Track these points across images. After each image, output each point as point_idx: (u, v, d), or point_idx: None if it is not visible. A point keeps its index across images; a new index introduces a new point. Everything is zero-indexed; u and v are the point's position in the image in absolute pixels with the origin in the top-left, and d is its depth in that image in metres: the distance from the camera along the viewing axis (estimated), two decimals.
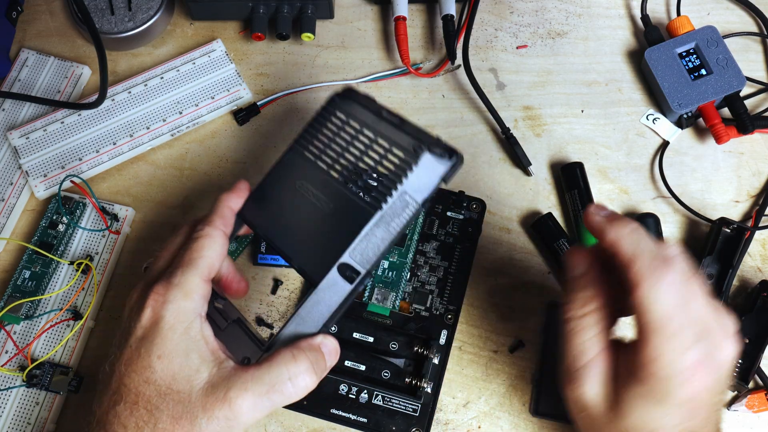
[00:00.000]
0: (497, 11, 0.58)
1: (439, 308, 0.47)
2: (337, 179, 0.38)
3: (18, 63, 0.55)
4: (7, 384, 0.46)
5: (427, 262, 0.48)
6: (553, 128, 0.54)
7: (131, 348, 0.35)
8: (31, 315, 0.47)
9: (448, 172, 0.35)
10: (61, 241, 0.49)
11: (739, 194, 0.52)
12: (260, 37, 0.55)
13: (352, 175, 0.37)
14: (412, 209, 0.35)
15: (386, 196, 0.35)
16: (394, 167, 0.36)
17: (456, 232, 0.49)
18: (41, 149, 0.52)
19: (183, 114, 0.53)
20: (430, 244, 0.49)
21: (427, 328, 0.47)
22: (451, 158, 0.35)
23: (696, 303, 0.32)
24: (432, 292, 0.48)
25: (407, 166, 0.35)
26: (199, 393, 0.34)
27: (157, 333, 0.35)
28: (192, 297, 0.36)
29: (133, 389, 0.34)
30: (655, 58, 0.53)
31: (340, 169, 0.38)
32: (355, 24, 0.58)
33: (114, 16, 0.55)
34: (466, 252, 0.49)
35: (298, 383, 0.35)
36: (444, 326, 0.47)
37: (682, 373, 0.31)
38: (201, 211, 0.52)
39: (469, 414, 0.47)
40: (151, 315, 0.35)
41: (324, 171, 0.38)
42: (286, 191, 0.39)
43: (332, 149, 0.39)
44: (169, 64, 0.55)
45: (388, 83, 0.56)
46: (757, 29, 0.57)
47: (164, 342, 0.35)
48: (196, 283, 0.36)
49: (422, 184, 0.35)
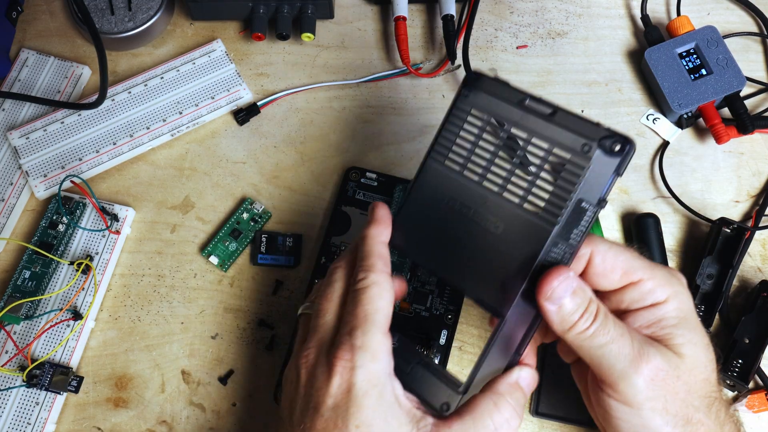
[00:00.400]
0: (497, 11, 0.58)
1: (439, 308, 0.47)
2: (494, 192, 0.34)
3: (18, 63, 0.55)
4: (7, 384, 0.46)
5: None
6: None
7: (323, 418, 0.33)
8: (31, 315, 0.47)
9: (622, 163, 0.31)
10: (61, 241, 0.49)
11: (739, 194, 0.52)
12: (260, 37, 0.55)
13: (510, 185, 0.33)
14: (590, 214, 0.32)
15: (561, 209, 0.31)
16: (561, 173, 0.32)
17: None
18: (41, 149, 0.52)
19: (183, 114, 0.53)
20: None
21: (426, 327, 0.47)
22: (624, 149, 0.31)
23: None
24: (432, 292, 0.48)
25: (578, 170, 0.31)
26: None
27: (352, 402, 0.33)
28: (379, 358, 0.34)
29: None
30: (655, 58, 0.53)
31: (495, 179, 0.34)
32: (355, 24, 0.58)
33: (114, 16, 0.55)
34: None
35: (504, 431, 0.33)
36: (444, 326, 0.47)
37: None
38: (201, 210, 0.52)
39: None
40: (341, 383, 0.33)
41: (476, 184, 0.34)
42: (436, 212, 0.35)
43: (479, 157, 0.34)
44: (169, 64, 0.55)
45: (388, 83, 0.56)
46: (757, 29, 0.57)
47: (360, 411, 0.33)
48: (380, 341, 0.34)
49: (596, 184, 0.31)
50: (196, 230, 0.51)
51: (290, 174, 0.53)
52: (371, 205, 0.38)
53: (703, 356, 0.34)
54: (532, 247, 0.32)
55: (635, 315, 0.35)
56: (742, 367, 0.45)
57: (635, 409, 0.33)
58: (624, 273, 0.35)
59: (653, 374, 0.33)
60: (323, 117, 0.55)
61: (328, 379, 0.34)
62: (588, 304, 0.33)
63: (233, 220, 0.51)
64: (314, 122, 0.54)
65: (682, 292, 0.35)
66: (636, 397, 0.33)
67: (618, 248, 0.35)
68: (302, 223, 0.51)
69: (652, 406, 0.33)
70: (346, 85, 0.56)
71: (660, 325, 0.34)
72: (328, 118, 0.55)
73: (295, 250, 0.50)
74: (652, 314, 0.35)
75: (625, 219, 0.51)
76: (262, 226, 0.51)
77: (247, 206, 0.51)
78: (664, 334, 0.34)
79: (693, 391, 0.34)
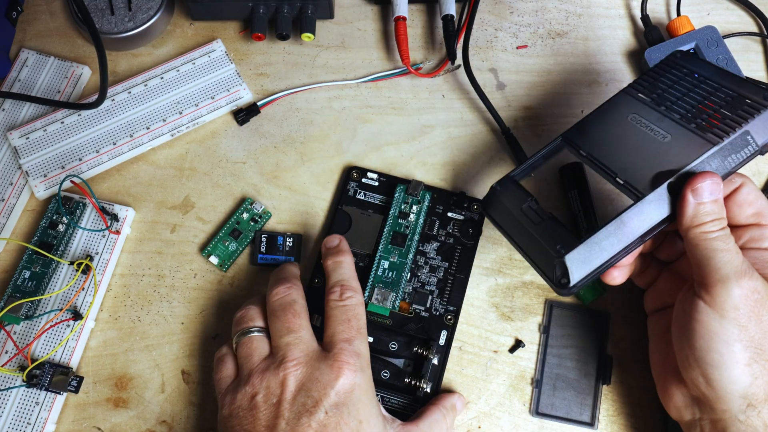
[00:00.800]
0: (497, 11, 0.58)
1: (439, 309, 0.47)
2: (674, 117, 0.40)
3: (18, 63, 0.55)
4: (7, 384, 0.46)
5: (427, 263, 0.48)
6: (553, 128, 0.54)
7: (327, 414, 0.37)
8: (31, 315, 0.47)
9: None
10: (61, 241, 0.49)
11: None
12: (260, 37, 0.55)
13: (691, 113, 0.40)
14: (750, 150, 0.38)
15: (729, 132, 0.38)
16: (739, 108, 0.38)
17: (456, 232, 0.49)
18: (41, 149, 0.52)
19: (183, 114, 0.53)
20: (430, 244, 0.49)
21: (426, 328, 0.47)
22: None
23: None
24: (432, 292, 0.48)
25: (754, 109, 0.38)
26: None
27: (355, 399, 0.38)
28: (369, 365, 0.40)
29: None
30: (656, 58, 0.53)
31: (679, 108, 0.41)
32: (355, 24, 0.58)
33: (114, 16, 0.55)
34: (466, 252, 0.49)
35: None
36: (444, 327, 0.47)
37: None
38: (201, 210, 0.52)
39: (469, 414, 0.47)
40: (345, 383, 0.38)
41: (660, 110, 0.41)
42: (616, 121, 0.43)
43: (671, 93, 0.42)
44: (169, 64, 0.55)
45: (388, 83, 0.56)
46: (757, 29, 0.57)
47: (362, 407, 0.38)
48: (368, 351, 0.41)
49: (766, 128, 0.38)
50: (196, 230, 0.51)
51: (290, 174, 0.53)
52: (329, 238, 0.45)
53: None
54: (691, 155, 0.38)
55: (749, 252, 0.39)
56: None
57: (719, 315, 0.36)
58: (756, 213, 0.39)
59: (749, 292, 0.35)
60: (323, 117, 0.55)
61: (335, 380, 0.38)
62: (721, 214, 0.37)
63: (233, 220, 0.51)
64: (314, 122, 0.54)
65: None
66: (726, 303, 0.35)
67: (761, 193, 0.40)
68: (302, 223, 0.51)
69: (735, 317, 0.35)
70: (346, 85, 0.56)
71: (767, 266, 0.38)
72: (328, 118, 0.55)
73: (295, 250, 0.50)
74: (763, 255, 0.39)
75: None
76: (262, 226, 0.51)
77: (247, 206, 0.51)
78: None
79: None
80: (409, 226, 0.49)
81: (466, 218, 0.49)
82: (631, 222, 0.38)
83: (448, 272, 0.48)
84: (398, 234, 0.49)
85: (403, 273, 0.48)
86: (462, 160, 0.53)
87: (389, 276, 0.48)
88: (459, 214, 0.50)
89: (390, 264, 0.48)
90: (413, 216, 0.49)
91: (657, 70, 0.44)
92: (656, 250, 0.44)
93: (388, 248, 0.48)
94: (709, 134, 0.38)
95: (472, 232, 0.49)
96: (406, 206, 0.49)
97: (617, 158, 0.41)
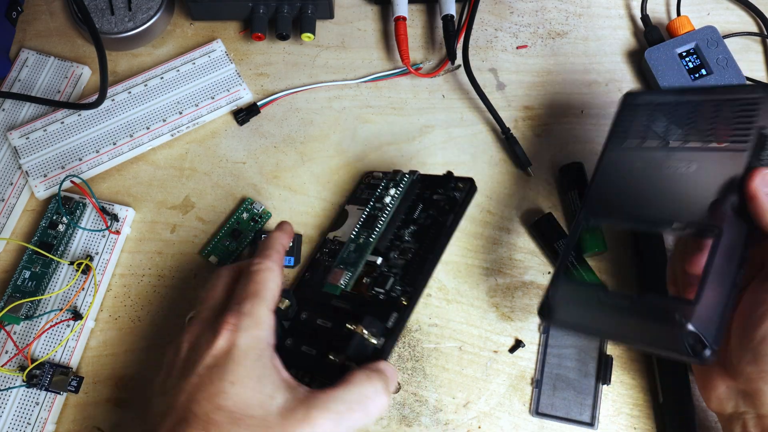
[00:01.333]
0: (497, 11, 0.58)
1: (397, 291, 0.42)
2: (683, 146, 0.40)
3: (18, 63, 0.55)
4: (7, 384, 0.46)
5: (400, 246, 0.45)
6: (553, 128, 0.54)
7: (199, 376, 0.35)
8: (31, 315, 0.47)
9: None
10: (61, 242, 0.49)
11: None
12: (260, 37, 0.55)
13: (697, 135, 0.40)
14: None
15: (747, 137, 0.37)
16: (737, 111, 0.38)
17: (435, 213, 0.45)
18: (41, 149, 0.52)
19: (183, 114, 0.53)
20: (407, 228, 0.45)
21: (380, 312, 0.41)
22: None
23: None
24: (396, 275, 0.43)
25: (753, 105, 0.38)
26: (277, 417, 0.34)
27: (231, 360, 0.35)
28: (262, 326, 0.37)
29: (202, 416, 0.34)
30: (656, 58, 0.53)
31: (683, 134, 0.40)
32: (355, 24, 0.58)
33: (114, 16, 0.55)
34: (438, 230, 0.44)
35: (376, 402, 0.36)
36: (396, 309, 0.41)
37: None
38: (201, 210, 0.52)
39: (469, 414, 0.47)
40: (224, 344, 0.36)
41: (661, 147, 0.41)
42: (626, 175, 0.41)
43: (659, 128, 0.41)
44: (169, 64, 0.55)
45: (388, 83, 0.56)
46: (757, 29, 0.57)
47: (238, 368, 0.35)
48: (265, 314, 0.38)
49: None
50: (196, 230, 0.51)
51: (290, 174, 0.53)
52: (280, 222, 0.45)
53: None
54: (731, 171, 0.37)
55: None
56: None
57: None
58: None
59: None
60: (323, 117, 0.55)
61: (212, 341, 0.36)
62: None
63: (233, 220, 0.51)
64: (314, 122, 0.54)
65: None
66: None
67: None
68: (302, 223, 0.51)
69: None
70: (346, 85, 0.56)
71: None
72: (328, 118, 0.55)
73: (295, 250, 0.50)
74: None
75: None
76: (262, 226, 0.51)
77: (247, 206, 0.51)
78: None
79: None
80: (383, 208, 0.46)
81: (446, 196, 0.45)
82: (725, 257, 0.36)
83: (417, 254, 0.44)
84: (371, 216, 0.47)
85: (364, 253, 0.45)
86: (462, 160, 0.53)
87: (350, 258, 0.45)
88: (443, 195, 0.46)
89: (356, 246, 0.46)
90: (388, 198, 0.46)
91: (625, 118, 0.43)
92: None
93: (359, 231, 0.46)
94: (730, 143, 0.38)
95: (448, 209, 0.44)
96: (386, 192, 0.47)
97: (658, 208, 0.39)
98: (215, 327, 0.36)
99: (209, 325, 0.37)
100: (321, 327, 0.43)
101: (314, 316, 0.44)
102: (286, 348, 0.42)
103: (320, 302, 0.45)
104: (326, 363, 0.40)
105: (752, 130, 0.37)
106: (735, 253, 0.36)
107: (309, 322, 0.44)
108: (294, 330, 0.44)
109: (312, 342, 0.42)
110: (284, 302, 0.42)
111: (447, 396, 0.47)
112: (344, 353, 0.39)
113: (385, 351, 0.39)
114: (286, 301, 0.42)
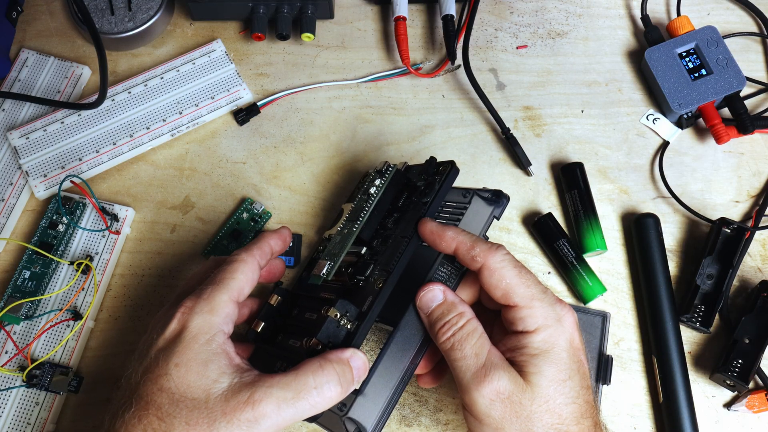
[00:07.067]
0: (497, 11, 0.58)
1: (375, 276, 0.41)
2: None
3: (18, 63, 0.55)
4: (7, 384, 0.46)
5: (383, 234, 0.44)
6: (553, 128, 0.54)
7: (150, 358, 0.36)
8: (31, 315, 0.47)
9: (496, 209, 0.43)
10: (61, 242, 0.49)
11: (739, 194, 0.52)
12: (260, 37, 0.55)
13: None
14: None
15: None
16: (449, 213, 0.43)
17: (416, 199, 0.44)
18: (41, 149, 0.52)
19: (183, 114, 0.53)
20: (391, 217, 0.44)
21: (358, 298, 0.40)
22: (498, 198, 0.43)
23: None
24: (376, 261, 0.42)
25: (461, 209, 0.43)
26: (219, 399, 0.34)
27: (178, 342, 0.35)
28: (218, 312, 0.37)
29: (145, 397, 0.34)
30: (655, 58, 0.53)
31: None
32: (355, 24, 0.58)
33: (114, 16, 0.55)
34: (416, 211, 0.42)
35: (323, 392, 0.35)
36: (371, 293, 0.39)
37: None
38: (201, 210, 0.52)
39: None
40: (176, 326, 0.36)
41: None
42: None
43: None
44: (169, 64, 0.55)
45: (388, 83, 0.56)
46: (757, 29, 0.57)
47: (183, 351, 0.35)
48: (224, 301, 0.37)
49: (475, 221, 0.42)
50: (196, 230, 0.51)
51: (290, 174, 0.53)
52: (280, 227, 0.46)
53: (553, 390, 0.36)
54: (424, 270, 0.41)
55: (508, 336, 0.38)
56: (742, 367, 0.45)
57: (477, 420, 0.36)
58: (503, 294, 0.37)
59: (493, 396, 0.35)
60: (323, 117, 0.55)
61: (167, 323, 0.37)
62: (452, 317, 0.38)
63: (233, 220, 0.51)
64: (314, 122, 0.54)
65: (558, 328, 0.37)
66: (475, 409, 0.36)
67: (509, 270, 0.37)
68: (302, 223, 0.51)
69: (490, 423, 0.36)
70: (346, 85, 0.56)
71: (520, 352, 0.37)
72: (328, 118, 0.55)
73: (295, 250, 0.50)
74: (517, 340, 0.37)
75: (625, 219, 0.51)
76: (262, 227, 0.51)
77: (247, 206, 0.51)
78: (521, 361, 0.36)
79: (534, 419, 0.35)
80: (367, 198, 0.45)
81: (428, 181, 0.44)
82: (395, 353, 0.39)
83: (394, 238, 0.42)
84: (357, 208, 0.46)
85: (346, 243, 0.44)
86: (462, 160, 0.53)
87: (335, 249, 0.44)
88: (425, 181, 0.44)
89: (340, 238, 0.45)
90: (373, 189, 0.45)
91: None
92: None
93: (345, 224, 0.46)
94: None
95: (425, 190, 0.43)
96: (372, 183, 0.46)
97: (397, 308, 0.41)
98: (170, 311, 0.37)
99: (172, 309, 0.38)
100: (307, 319, 0.43)
101: (304, 311, 0.44)
102: (277, 343, 0.43)
103: (311, 296, 0.45)
104: (295, 349, 0.40)
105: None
106: (412, 344, 0.40)
107: (298, 316, 0.44)
108: (285, 325, 0.44)
109: (299, 334, 0.42)
110: (275, 298, 0.43)
111: (447, 396, 0.47)
112: (315, 337, 0.38)
113: (357, 335, 0.38)
114: (276, 297, 0.44)
